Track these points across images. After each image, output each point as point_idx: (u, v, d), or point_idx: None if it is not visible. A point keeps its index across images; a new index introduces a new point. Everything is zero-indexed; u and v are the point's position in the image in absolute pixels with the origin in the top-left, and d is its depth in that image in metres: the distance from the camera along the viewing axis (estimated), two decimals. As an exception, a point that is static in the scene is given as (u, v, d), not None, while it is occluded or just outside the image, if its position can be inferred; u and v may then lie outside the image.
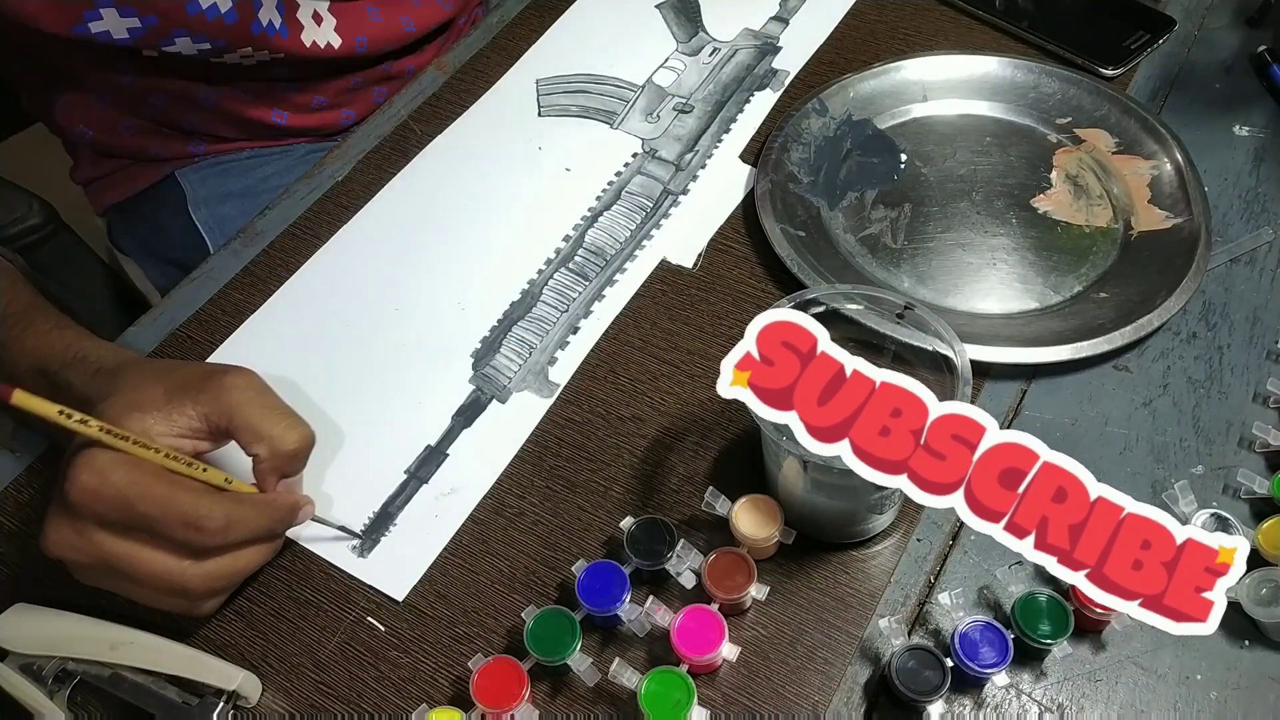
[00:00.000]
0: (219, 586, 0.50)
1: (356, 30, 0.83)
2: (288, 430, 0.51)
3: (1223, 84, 0.75)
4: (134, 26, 0.70)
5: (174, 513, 0.47)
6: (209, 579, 0.49)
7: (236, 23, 0.74)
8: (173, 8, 0.70)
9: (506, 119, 0.77)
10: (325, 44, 0.81)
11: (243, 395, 0.50)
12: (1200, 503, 0.53)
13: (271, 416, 0.51)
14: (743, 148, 0.73)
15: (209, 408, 0.50)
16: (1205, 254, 0.64)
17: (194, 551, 0.48)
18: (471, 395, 0.62)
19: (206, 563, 0.49)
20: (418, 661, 0.53)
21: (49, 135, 0.89)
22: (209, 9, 0.72)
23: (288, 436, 0.51)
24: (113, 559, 0.47)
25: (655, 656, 0.51)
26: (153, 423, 0.49)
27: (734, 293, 0.66)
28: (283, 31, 0.77)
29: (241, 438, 0.50)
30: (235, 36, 0.75)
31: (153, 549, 0.47)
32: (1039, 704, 0.49)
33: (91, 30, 0.69)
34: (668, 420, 0.60)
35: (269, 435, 0.50)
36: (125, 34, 0.70)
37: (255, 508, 0.50)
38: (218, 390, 0.50)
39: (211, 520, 0.47)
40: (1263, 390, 0.59)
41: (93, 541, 0.47)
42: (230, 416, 0.50)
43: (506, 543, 0.56)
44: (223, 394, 0.50)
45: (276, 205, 0.73)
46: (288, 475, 0.52)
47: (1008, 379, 0.61)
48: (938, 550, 0.55)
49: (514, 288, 0.67)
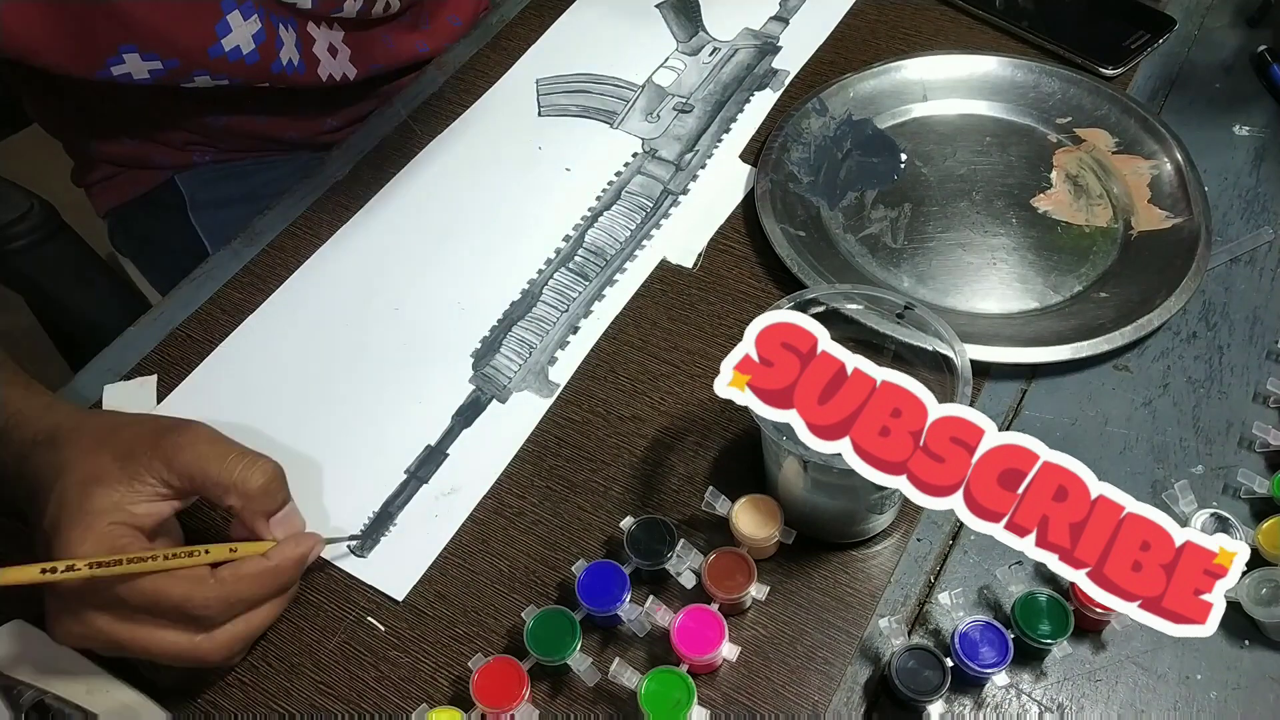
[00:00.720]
0: (238, 648, 0.49)
1: (371, 60, 0.83)
2: (249, 472, 0.49)
3: (1223, 84, 0.75)
4: (155, 69, 0.69)
5: (166, 605, 0.46)
6: (224, 647, 0.48)
7: (258, 63, 0.73)
8: (194, 49, 0.70)
9: (506, 119, 0.77)
10: (341, 75, 0.81)
11: (195, 451, 0.48)
12: (1200, 502, 0.53)
13: (230, 464, 0.49)
14: (743, 147, 0.73)
15: (165, 473, 0.48)
16: (1205, 254, 0.64)
17: (202, 627, 0.47)
18: (471, 395, 0.62)
19: (217, 633, 0.48)
20: (418, 661, 0.53)
21: (50, 139, 0.90)
22: (230, 51, 0.71)
23: (251, 478, 0.49)
24: (124, 642, 0.47)
25: (655, 656, 0.51)
26: (119, 496, 0.47)
27: (734, 293, 0.66)
28: (300, 68, 0.77)
29: (209, 494, 0.49)
30: (255, 75, 0.74)
31: (163, 630, 0.47)
32: (1039, 704, 0.49)
33: (114, 74, 0.68)
34: (668, 420, 0.60)
35: (233, 483, 0.48)
36: (147, 75, 0.69)
37: (256, 579, 0.49)
38: (170, 452, 0.48)
39: (206, 608, 0.47)
40: (1263, 390, 0.59)
41: (97, 628, 0.46)
42: (190, 477, 0.48)
43: (506, 543, 0.56)
44: (175, 455, 0.48)
45: (276, 205, 0.73)
46: (272, 513, 0.51)
47: (1008, 379, 0.61)
48: (938, 550, 0.55)
49: (514, 288, 0.67)
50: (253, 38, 0.71)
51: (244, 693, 0.52)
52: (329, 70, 0.80)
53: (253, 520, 0.50)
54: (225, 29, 0.70)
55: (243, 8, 0.70)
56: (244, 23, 0.70)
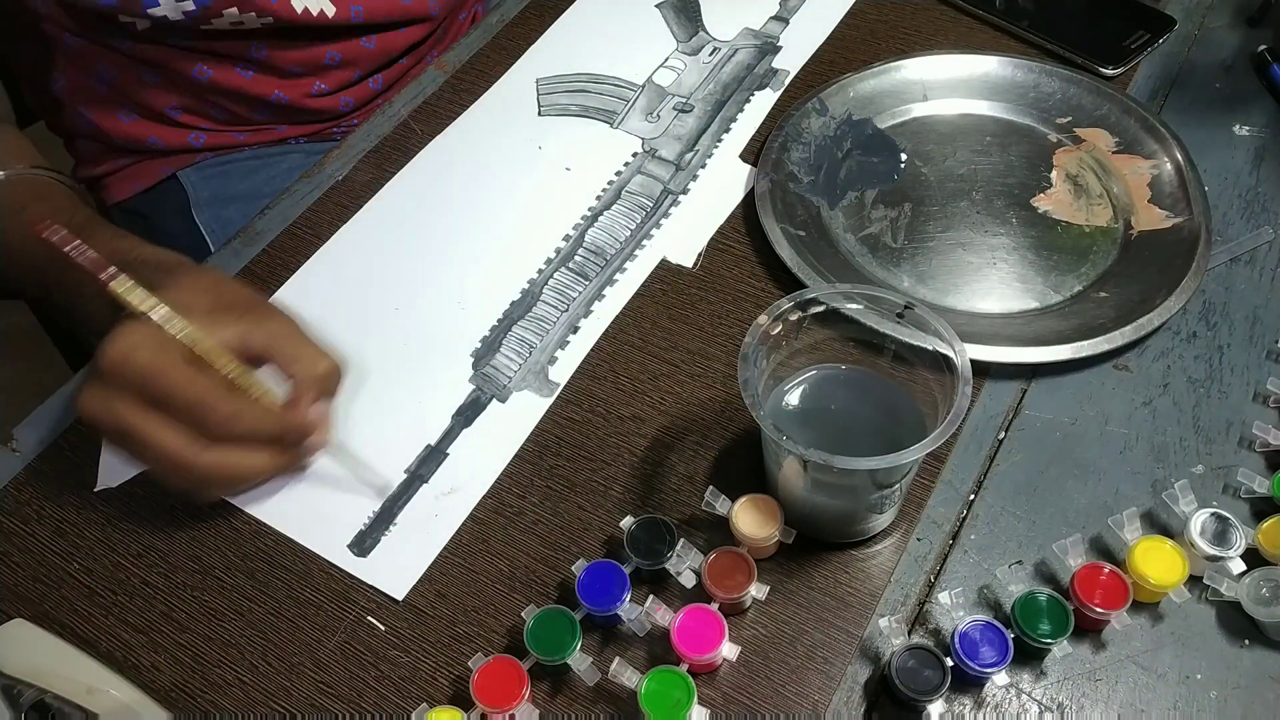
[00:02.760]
0: (221, 477, 0.53)
1: None
2: (320, 355, 0.55)
3: (1223, 83, 0.75)
4: (189, 8, 0.69)
5: (185, 395, 0.51)
6: (212, 467, 0.52)
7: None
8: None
9: (506, 119, 0.77)
10: (319, 11, 0.80)
11: (283, 325, 0.56)
12: (1200, 502, 0.53)
13: (307, 344, 0.56)
14: (743, 147, 0.73)
15: (250, 330, 0.54)
16: (1205, 253, 0.64)
17: (203, 437, 0.52)
18: (471, 395, 0.62)
19: (212, 451, 0.52)
20: (418, 661, 0.53)
21: (50, 135, 0.90)
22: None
23: (320, 361, 0.55)
24: (130, 428, 0.51)
25: (655, 656, 0.51)
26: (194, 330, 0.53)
27: (734, 292, 0.66)
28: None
29: (279, 359, 0.55)
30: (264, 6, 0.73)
31: (167, 428, 0.51)
32: (1039, 703, 0.49)
33: (150, 15, 0.68)
34: (668, 420, 0.60)
35: (304, 357, 0.55)
36: (181, 15, 0.69)
37: (266, 412, 0.53)
38: (262, 316, 0.55)
39: (216, 411, 0.51)
40: (1263, 390, 0.59)
41: (115, 408, 0.51)
42: (268, 341, 0.54)
43: (506, 542, 0.56)
44: (265, 320, 0.55)
45: (276, 205, 0.73)
46: (322, 397, 0.56)
47: (1008, 379, 0.61)
48: (938, 550, 0.55)
49: (514, 287, 0.67)
50: None
51: (244, 692, 0.52)
52: (304, 3, 0.79)
53: (301, 395, 0.55)
54: None
55: None
56: None
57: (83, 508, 0.58)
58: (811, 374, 0.54)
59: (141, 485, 0.59)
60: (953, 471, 0.57)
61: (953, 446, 0.58)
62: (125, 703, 0.50)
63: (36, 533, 0.58)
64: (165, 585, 0.55)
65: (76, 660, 0.51)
